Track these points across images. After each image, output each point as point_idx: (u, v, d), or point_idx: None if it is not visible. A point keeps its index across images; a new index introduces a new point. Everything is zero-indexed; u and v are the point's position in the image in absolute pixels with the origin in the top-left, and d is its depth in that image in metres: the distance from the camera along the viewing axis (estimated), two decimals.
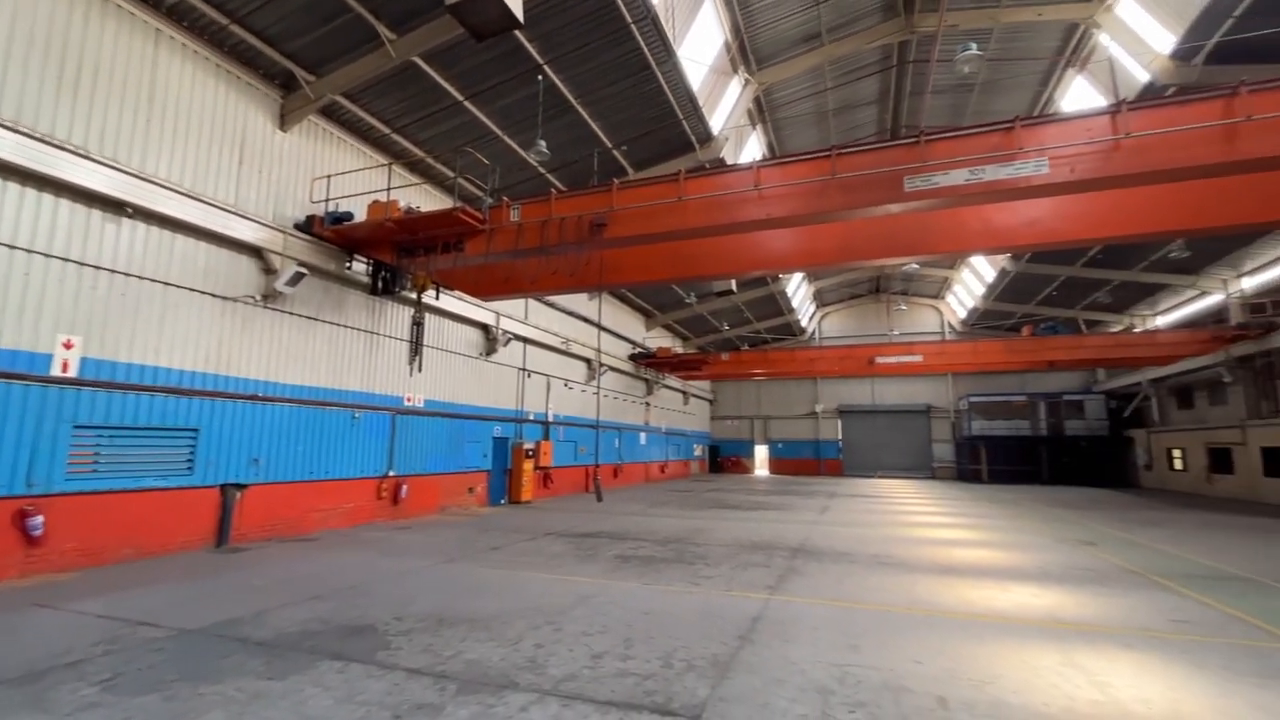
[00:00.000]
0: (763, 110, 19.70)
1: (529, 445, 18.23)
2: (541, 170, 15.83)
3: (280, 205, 11.49)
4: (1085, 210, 10.05)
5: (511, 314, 18.11)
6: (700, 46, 15.65)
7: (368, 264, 13.03)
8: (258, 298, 10.80)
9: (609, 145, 15.81)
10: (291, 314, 11.47)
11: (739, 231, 10.76)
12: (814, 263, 12.46)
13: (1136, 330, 28.80)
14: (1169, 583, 8.16)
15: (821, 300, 39.62)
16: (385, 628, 5.71)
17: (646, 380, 29.11)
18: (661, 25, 12.49)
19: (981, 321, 35.18)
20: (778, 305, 32.80)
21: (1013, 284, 28.83)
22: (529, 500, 17.90)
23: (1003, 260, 26.86)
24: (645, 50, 12.86)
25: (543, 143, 13.19)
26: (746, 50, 16.77)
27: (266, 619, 5.94)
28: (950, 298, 37.39)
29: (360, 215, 11.85)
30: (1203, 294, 24.59)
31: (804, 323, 38.36)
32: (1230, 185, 9.17)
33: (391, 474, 13.44)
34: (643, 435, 28.59)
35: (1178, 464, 27.17)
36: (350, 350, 12.81)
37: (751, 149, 20.58)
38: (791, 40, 16.90)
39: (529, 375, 19.26)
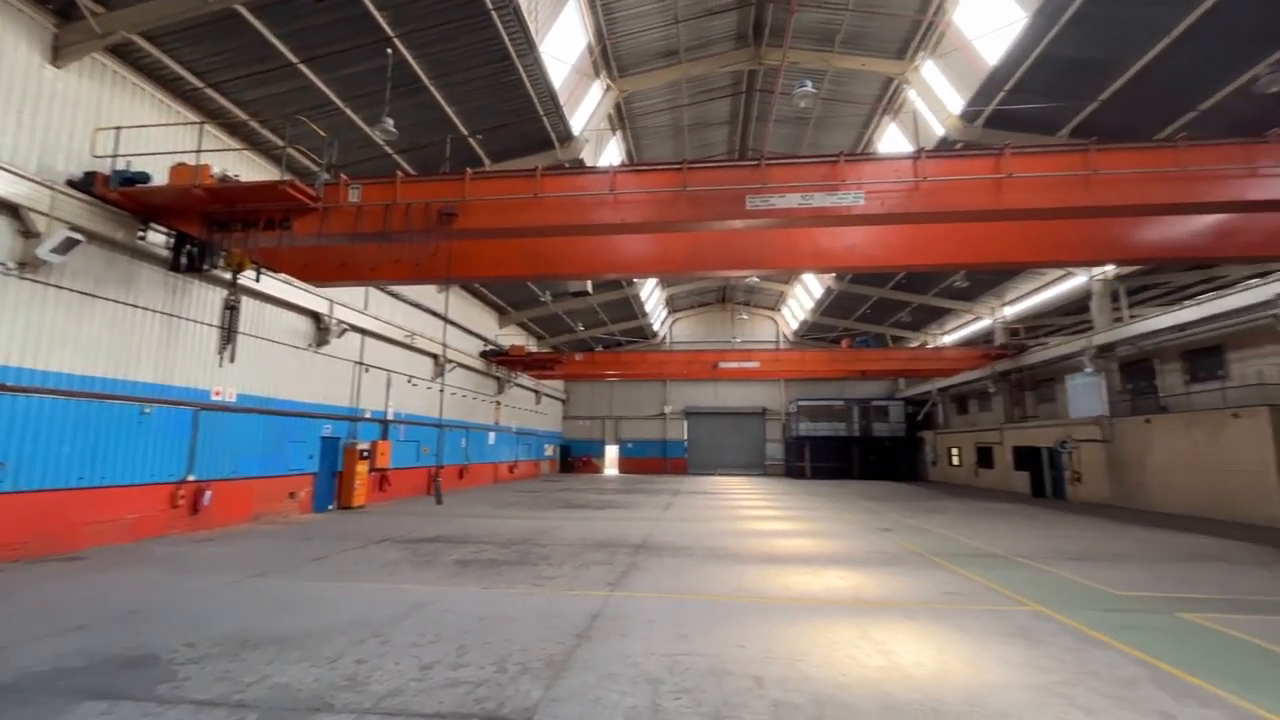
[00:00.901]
0: (623, 117, 20.13)
1: (364, 445, 16.87)
2: (388, 150, 14.77)
3: (48, 156, 9.50)
4: (894, 241, 11.55)
5: (348, 303, 16.64)
6: (564, 45, 15.61)
7: (168, 235, 11.21)
8: (10, 265, 8.83)
9: (464, 132, 15.17)
10: (60, 288, 9.52)
11: (594, 234, 10.90)
12: (665, 269, 12.98)
13: (929, 346, 33.74)
14: (944, 561, 9.63)
15: (673, 306, 41.37)
16: (171, 656, 4.95)
17: (498, 379, 28.35)
18: (524, 16, 12.25)
19: (810, 333, 38.98)
20: (632, 309, 33.67)
21: (836, 301, 32.29)
22: (362, 505, 16.56)
23: (829, 279, 29.98)
24: (506, 39, 12.53)
25: (389, 121, 12.30)
26: (609, 56, 17.03)
27: (6, 658, 4.86)
28: (785, 310, 40.95)
29: (161, 179, 10.16)
30: (977, 318, 29.43)
31: (656, 327, 39.78)
32: (999, 229, 11.09)
33: (192, 478, 11.69)
34: (492, 435, 27.79)
35: (955, 460, 32.17)
36: (142, 335, 10.93)
37: (611, 153, 20.93)
38: (651, 53, 17.47)
39: (367, 370, 17.85)
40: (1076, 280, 21.87)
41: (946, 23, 14.87)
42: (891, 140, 19.70)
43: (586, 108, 17.64)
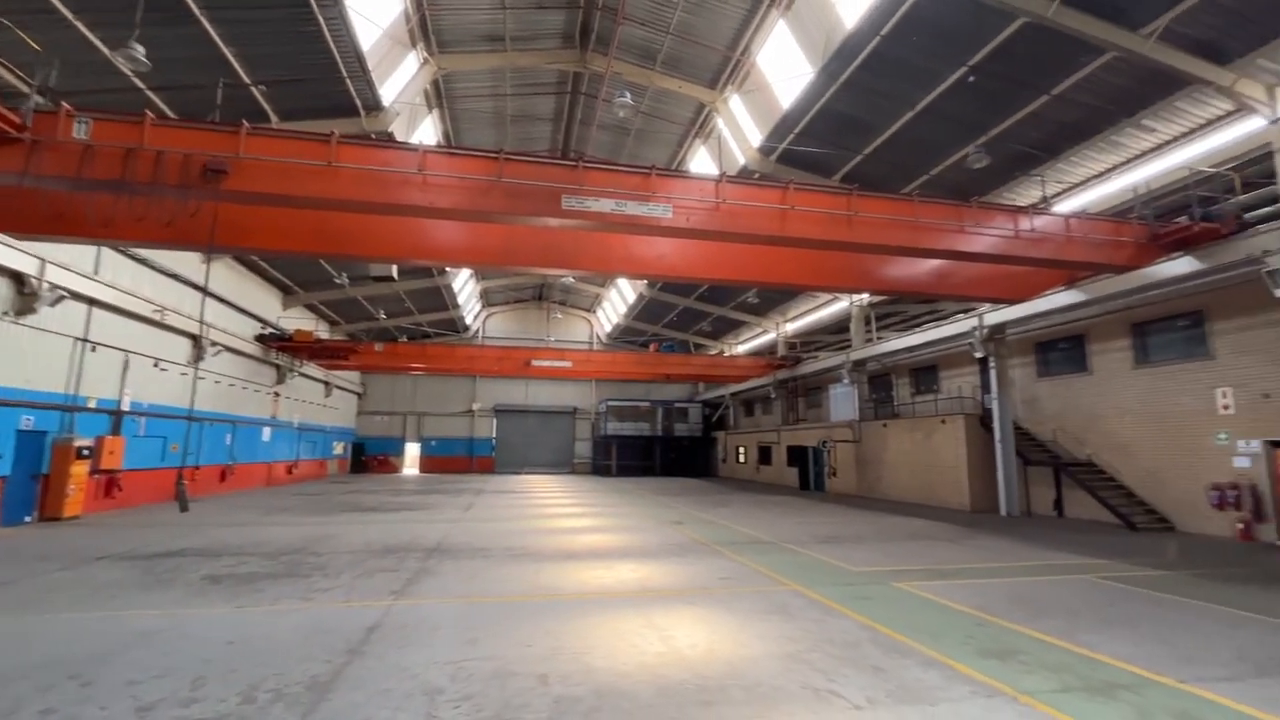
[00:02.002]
0: (441, 96, 19.02)
1: (83, 442, 13.66)
2: (138, 84, 12.21)
3: None
4: (699, 254, 12.42)
5: (71, 264, 13.37)
6: (377, 5, 14.26)
7: None
8: None
9: (246, 80, 13.12)
10: None
11: (400, 214, 10.08)
12: (478, 260, 12.49)
13: (725, 354, 37.09)
14: (724, 549, 10.60)
15: (488, 300, 40.10)
16: None
17: (278, 366, 24.93)
18: None
19: (622, 336, 40.47)
20: (442, 299, 31.94)
21: (647, 307, 33.97)
22: (77, 515, 13.40)
23: (641, 286, 31.42)
24: None
25: (140, 48, 10.15)
26: (428, 27, 15.96)
27: None
28: (600, 312, 42.02)
29: None
30: (765, 331, 33.02)
31: (469, 320, 38.24)
32: (784, 254, 12.48)
33: None
34: (267, 431, 24.33)
35: (742, 458, 35.71)
36: None
37: (427, 132, 19.64)
38: (475, 35, 16.75)
39: (94, 349, 14.49)
40: (841, 304, 25.66)
41: (751, 63, 16.48)
42: (701, 162, 21.27)
43: (400, 79, 16.32)
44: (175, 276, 17.49)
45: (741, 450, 35.72)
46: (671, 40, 16.53)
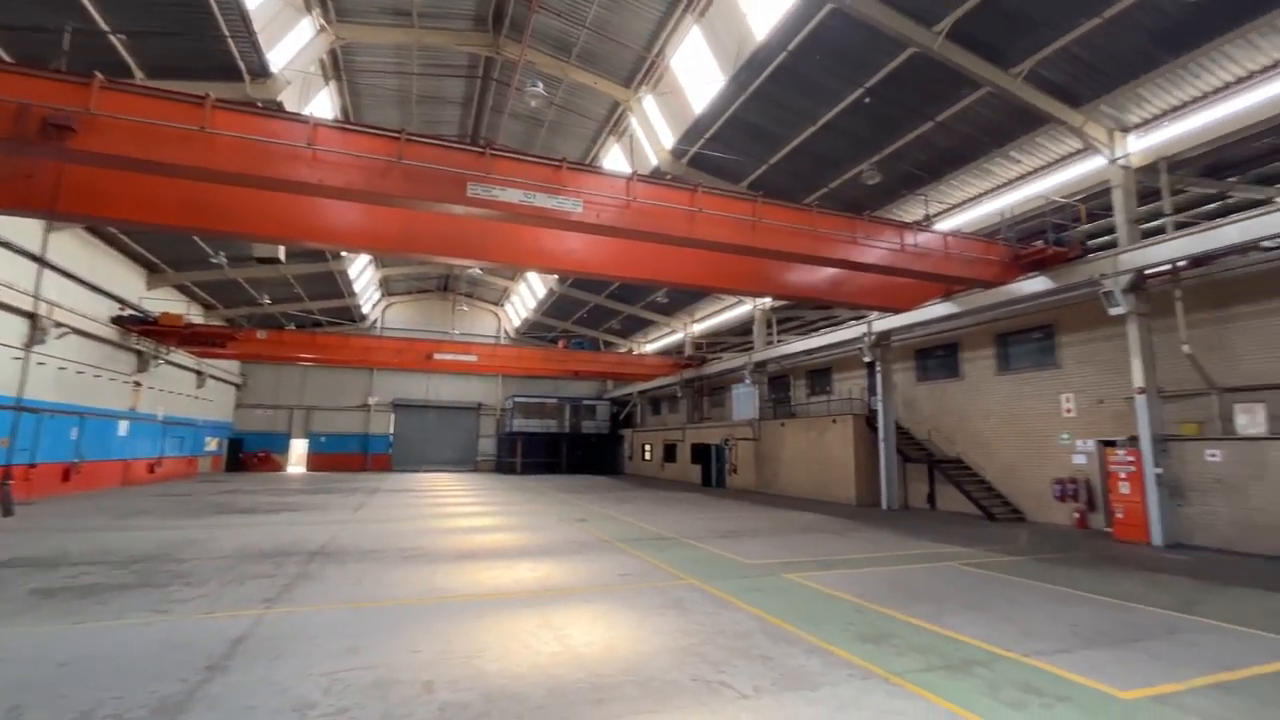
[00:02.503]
0: (340, 68, 17.81)
1: None
2: None
3: None
4: (609, 252, 12.40)
5: None
6: None
7: None
8: None
9: (104, 26, 11.61)
10: None
11: (286, 191, 9.30)
12: (375, 246, 11.78)
13: (634, 353, 37.42)
14: (625, 546, 10.65)
15: (389, 289, 38.09)
16: None
17: (139, 353, 22.33)
18: None
19: (531, 331, 39.80)
20: (337, 285, 29.97)
21: (557, 303, 33.58)
22: None
23: (552, 281, 31.02)
24: None
25: None
26: None
27: None
28: (509, 306, 41.07)
29: None
30: (674, 331, 33.64)
31: (366, 309, 36.16)
32: (693, 256, 12.72)
33: None
34: (124, 424, 21.73)
35: (648, 455, 36.18)
36: None
37: (323, 107, 18.30)
38: (379, 6, 15.80)
39: None
40: (746, 307, 26.61)
41: (666, 65, 16.68)
42: (615, 160, 21.28)
43: (292, 44, 15.08)
44: (7, 245, 15.20)
45: (648, 448, 36.17)
46: (588, 34, 16.40)
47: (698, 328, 31.84)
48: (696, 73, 16.03)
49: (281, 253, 19.29)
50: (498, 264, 13.04)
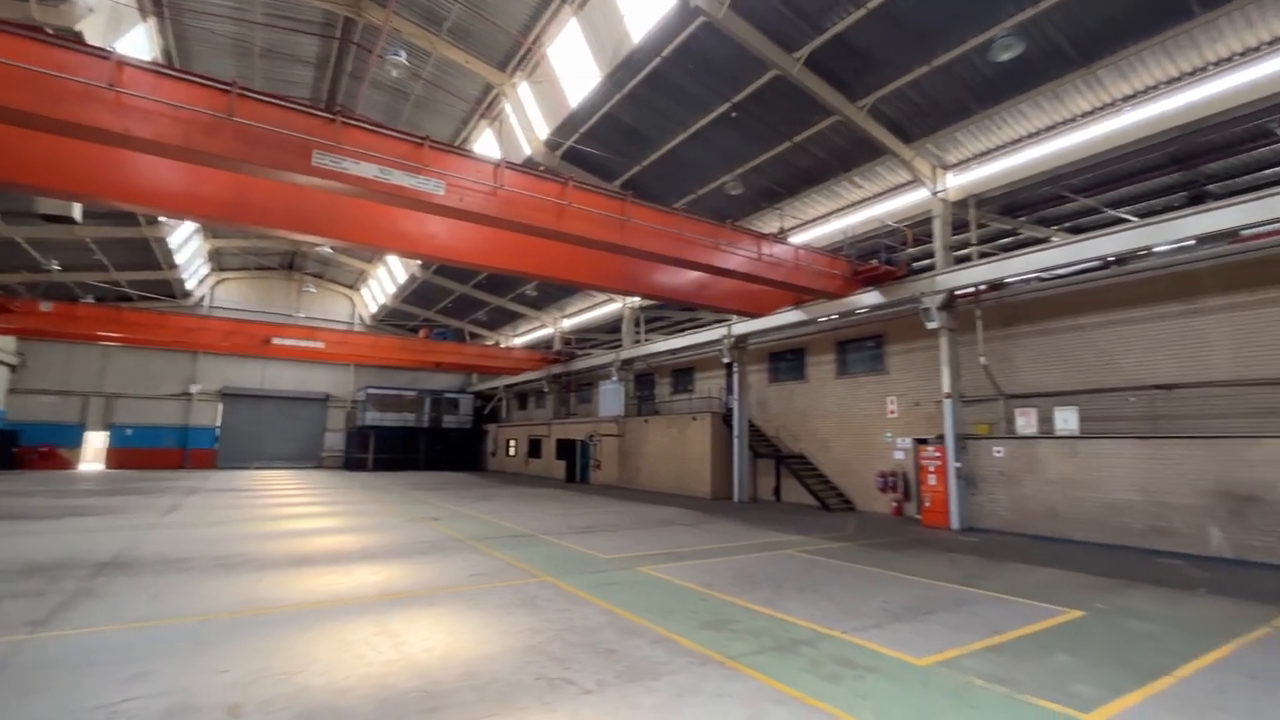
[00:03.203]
0: (161, 6, 15.40)
1: None
2: None
3: None
4: (476, 239, 11.90)
5: None
6: None
7: None
8: None
9: None
10: None
11: (82, 137, 7.84)
12: (197, 211, 10.30)
13: (502, 346, 36.44)
14: (480, 545, 10.31)
15: (220, 263, 33.74)
16: None
17: None
18: None
19: (390, 319, 37.29)
20: (153, 255, 26.00)
21: (420, 290, 31.76)
22: None
23: (415, 266, 29.28)
24: None
25: None
26: None
27: None
28: (365, 291, 38.14)
29: None
30: (543, 325, 33.21)
31: (191, 285, 31.81)
32: (564, 250, 12.56)
33: None
34: None
35: (512, 451, 35.42)
36: None
37: (139, 46, 15.70)
38: None
39: None
40: (615, 305, 26.95)
41: (543, 54, 16.37)
42: (487, 145, 20.51)
43: None
44: None
45: (512, 443, 35.42)
46: (461, 9, 15.63)
47: (568, 323, 31.72)
48: (574, 65, 15.89)
49: (77, 211, 16.34)
50: (349, 243, 12.00)
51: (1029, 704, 4.21)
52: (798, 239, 17.81)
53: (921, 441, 14.51)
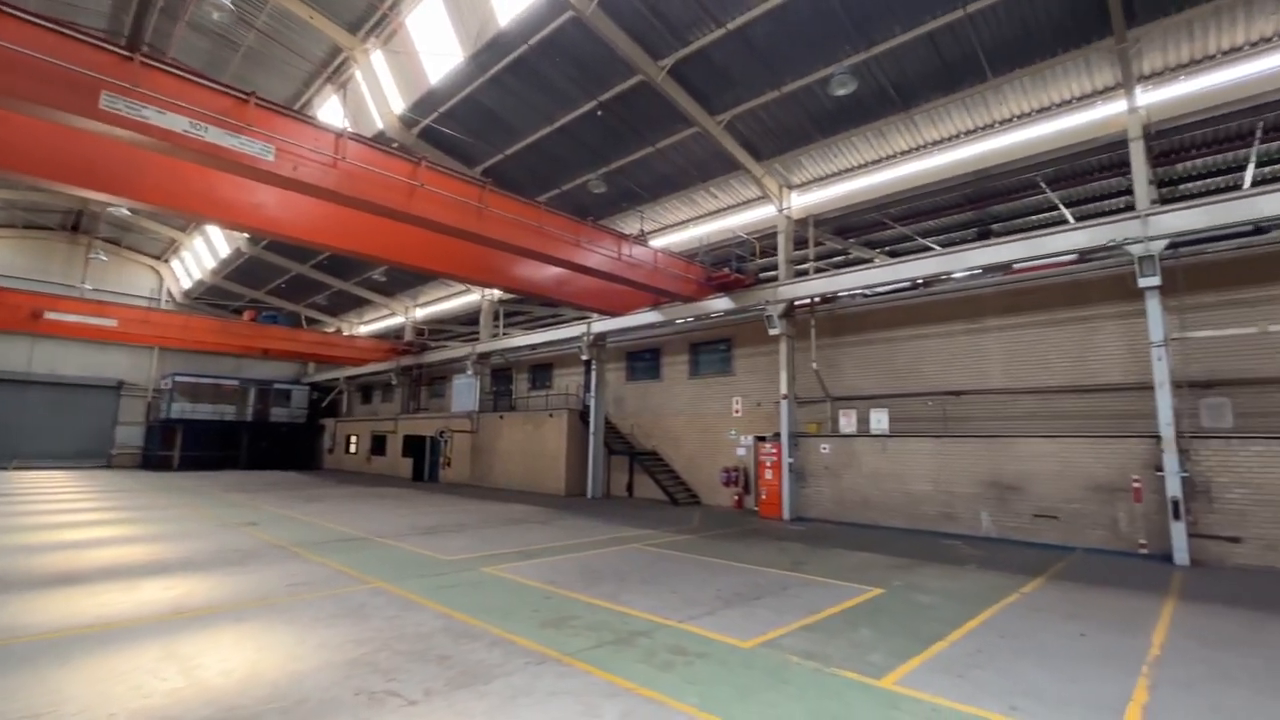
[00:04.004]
0: None
1: None
2: None
3: None
4: (313, 214, 10.77)
5: None
6: None
7: None
8: None
9: None
10: None
11: None
12: None
13: (345, 334, 33.49)
14: (304, 551, 9.36)
15: None
16: None
17: None
18: None
19: (208, 297, 32.77)
20: None
21: (247, 266, 28.22)
22: None
23: (241, 239, 25.95)
24: None
25: None
26: None
27: None
28: (177, 263, 33.10)
29: None
30: (393, 314, 31.08)
31: None
32: (418, 234, 11.77)
33: None
34: None
35: (353, 448, 32.75)
36: None
37: None
38: None
39: None
40: (473, 297, 25.93)
41: (400, 22, 15.26)
42: (332, 112, 18.71)
43: None
44: None
45: (354, 439, 32.75)
46: None
47: (421, 313, 29.96)
48: (435, 40, 15.00)
49: None
50: (152, 206, 10.27)
51: (835, 675, 4.67)
52: (657, 242, 18.34)
53: (761, 439, 15.62)
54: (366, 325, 34.36)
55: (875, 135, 13.89)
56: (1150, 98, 11.02)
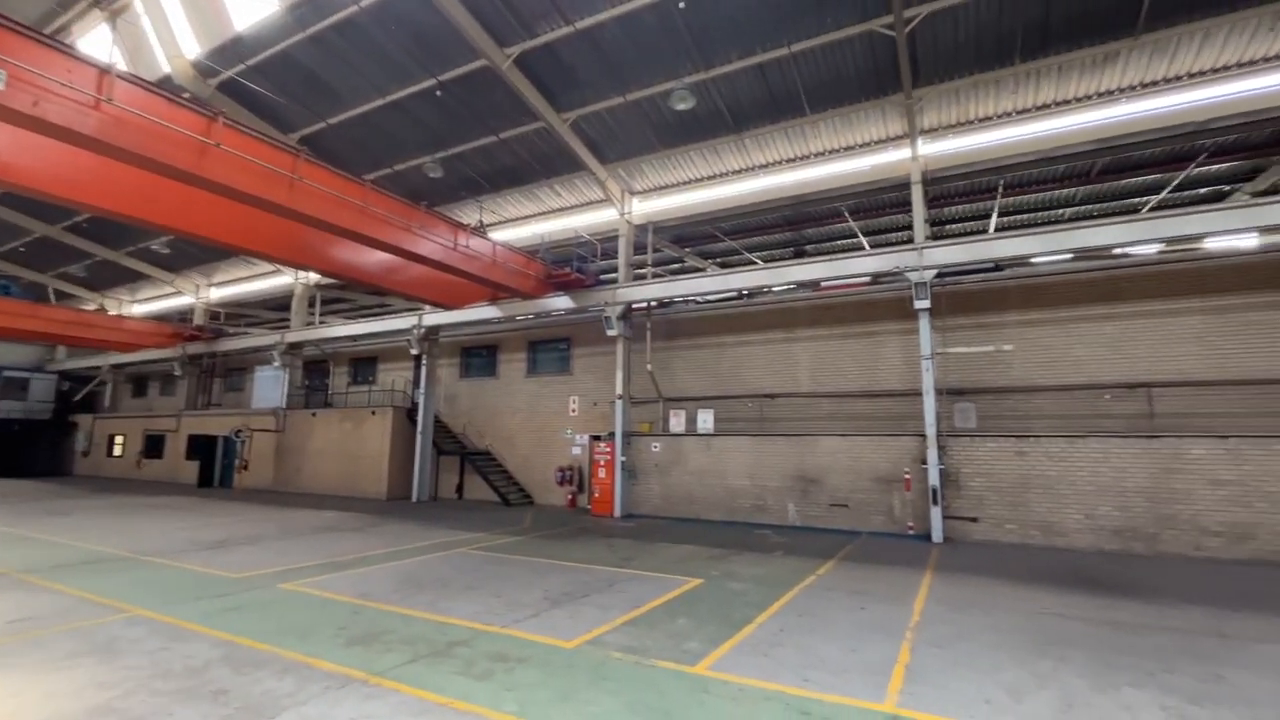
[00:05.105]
0: None
1: None
2: None
3: None
4: (69, 164, 8.76)
5: None
6: None
7: None
8: None
9: None
10: None
11: None
12: None
13: (111, 313, 27.90)
14: (35, 578, 7.59)
15: None
16: None
17: None
18: None
19: None
20: None
21: None
22: None
23: None
24: None
25: None
26: None
27: None
28: None
29: None
30: (179, 293, 26.55)
31: None
32: (214, 202, 10.11)
33: None
34: None
35: (117, 450, 27.43)
36: None
37: None
38: None
39: None
40: (285, 279, 23.05)
41: None
42: (99, 44, 15.47)
43: None
44: None
45: (119, 440, 27.45)
46: None
47: (217, 293, 25.96)
48: None
49: None
50: None
51: (654, 667, 4.82)
52: (498, 235, 17.77)
53: (596, 438, 15.82)
54: (142, 305, 28.99)
55: (710, 152, 14.77)
56: (928, 149, 13.05)
